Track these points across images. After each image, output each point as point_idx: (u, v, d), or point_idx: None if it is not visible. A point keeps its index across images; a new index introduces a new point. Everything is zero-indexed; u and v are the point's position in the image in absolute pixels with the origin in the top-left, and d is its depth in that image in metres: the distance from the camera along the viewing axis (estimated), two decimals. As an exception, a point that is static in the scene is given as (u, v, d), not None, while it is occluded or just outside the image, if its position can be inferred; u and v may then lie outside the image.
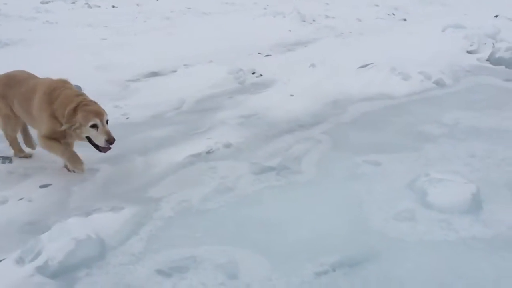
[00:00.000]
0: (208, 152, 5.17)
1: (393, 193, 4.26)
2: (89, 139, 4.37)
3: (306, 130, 5.96)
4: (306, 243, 3.58)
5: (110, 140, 4.29)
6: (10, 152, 5.16)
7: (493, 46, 9.38)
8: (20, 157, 5.08)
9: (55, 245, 3.26)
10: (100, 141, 4.30)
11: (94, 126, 4.26)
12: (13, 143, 5.09)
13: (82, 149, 4.75)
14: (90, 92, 7.49)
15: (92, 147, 4.45)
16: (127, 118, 6.42)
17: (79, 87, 7.67)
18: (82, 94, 4.57)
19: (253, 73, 8.37)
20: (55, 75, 4.81)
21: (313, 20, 13.84)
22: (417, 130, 5.87)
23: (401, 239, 3.65)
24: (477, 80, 7.83)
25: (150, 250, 3.50)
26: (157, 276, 3.20)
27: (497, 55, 8.76)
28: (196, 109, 6.84)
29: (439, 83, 7.58)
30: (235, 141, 5.45)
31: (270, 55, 10.22)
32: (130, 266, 3.31)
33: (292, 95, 7.11)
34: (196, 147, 5.25)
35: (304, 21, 13.70)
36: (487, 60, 8.86)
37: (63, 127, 4.31)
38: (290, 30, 12.76)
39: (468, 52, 9.51)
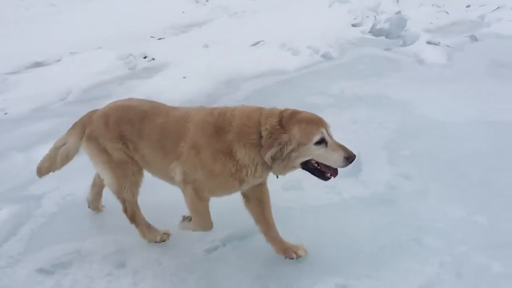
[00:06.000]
0: (96, 142, 4.94)
1: (281, 164, 4.40)
2: (305, 165, 2.81)
3: (200, 110, 5.93)
4: (197, 223, 3.58)
5: (352, 157, 2.76)
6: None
7: (375, 19, 9.97)
8: (157, 241, 3.36)
9: None
10: (336, 161, 2.74)
11: (321, 141, 2.73)
12: (139, 218, 3.35)
13: None
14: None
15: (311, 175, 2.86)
16: (5, 113, 5.95)
17: None
18: (263, 108, 2.93)
19: (145, 57, 8.14)
20: None
21: (207, 1, 13.71)
22: (306, 102, 6.09)
23: (289, 206, 3.79)
24: (361, 51, 8.29)
25: (31, 249, 3.31)
26: (38, 276, 3.04)
27: (378, 27, 9.32)
28: (84, 98, 6.52)
29: (326, 56, 7.92)
30: (125, 128, 5.28)
31: (163, 38, 10.00)
32: (8, 269, 3.11)
33: (184, 77, 7.02)
34: (83, 138, 4.99)
35: (197, 1, 13.52)
36: (370, 32, 9.40)
37: (268, 157, 2.70)
38: (183, 12, 12.54)
39: (353, 25, 10.01)
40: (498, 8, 10.29)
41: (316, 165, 2.80)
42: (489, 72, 6.83)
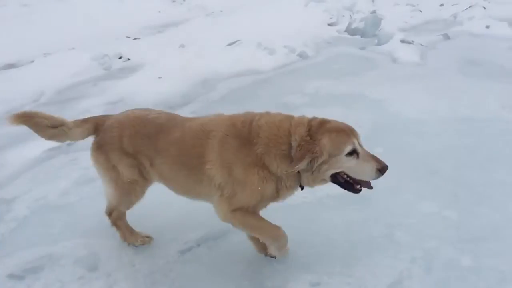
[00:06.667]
0: (69, 144, 4.86)
1: (256, 163, 4.41)
2: (334, 178, 2.74)
3: (175, 111, 5.79)
4: (172, 225, 3.58)
5: (384, 168, 2.66)
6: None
7: (350, 18, 10.05)
8: (137, 245, 3.30)
9: None
10: (368, 173, 2.66)
11: (352, 152, 2.63)
12: (123, 222, 3.29)
13: None
14: None
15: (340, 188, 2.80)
16: (-24, 116, 5.80)
17: None
18: (292, 116, 2.86)
19: (120, 58, 8.04)
20: None
21: (184, 0, 13.63)
22: (282, 101, 6.12)
23: (265, 206, 3.80)
24: (336, 50, 8.34)
25: (1, 255, 3.25)
26: (8, 282, 3.00)
27: (353, 26, 9.40)
28: (57, 99, 6.42)
29: (302, 55, 7.95)
30: (99, 130, 5.22)
31: (139, 38, 9.89)
32: (-23, 276, 3.04)
33: (160, 77, 6.97)
34: (56, 140, 4.93)
35: (174, 1, 13.43)
36: (345, 31, 9.47)
37: (296, 170, 2.62)
38: (159, 11, 12.43)
39: (329, 24, 10.07)
40: (470, 7, 10.48)
41: (346, 177, 2.70)
42: (461, 69, 6.96)
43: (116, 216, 3.23)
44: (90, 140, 4.82)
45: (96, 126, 3.10)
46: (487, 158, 4.38)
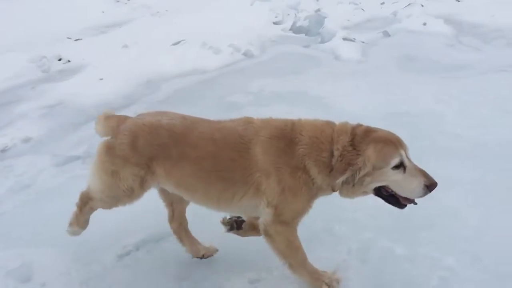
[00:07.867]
0: (3, 150, 4.71)
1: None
2: (378, 192, 2.60)
3: (118, 112, 5.73)
4: (110, 230, 3.48)
5: (433, 185, 2.52)
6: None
7: (295, 16, 10.19)
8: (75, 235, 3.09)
9: None
10: (414, 189, 2.50)
11: (399, 165, 2.48)
12: (88, 213, 3.05)
13: None
14: None
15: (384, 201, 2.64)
16: None
17: None
18: (333, 122, 2.72)
19: (60, 60, 7.80)
20: None
21: (128, 0, 13.36)
22: (227, 101, 6.14)
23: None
24: (281, 49, 8.43)
25: None
26: None
27: (298, 24, 9.54)
28: (-8, 104, 6.14)
29: (247, 54, 7.99)
30: (35, 135, 5.06)
31: (81, 39, 9.61)
32: None
33: (101, 79, 6.81)
34: (-12, 147, 4.72)
35: (118, 1, 13.14)
36: (290, 29, 9.59)
37: (338, 183, 2.49)
38: (103, 11, 12.12)
39: (274, 23, 10.15)
40: (409, 4, 10.85)
41: (391, 191, 2.55)
42: (399, 65, 7.21)
43: (87, 206, 2.97)
44: (21, 147, 4.70)
45: (111, 129, 2.86)
46: (421, 150, 4.51)
